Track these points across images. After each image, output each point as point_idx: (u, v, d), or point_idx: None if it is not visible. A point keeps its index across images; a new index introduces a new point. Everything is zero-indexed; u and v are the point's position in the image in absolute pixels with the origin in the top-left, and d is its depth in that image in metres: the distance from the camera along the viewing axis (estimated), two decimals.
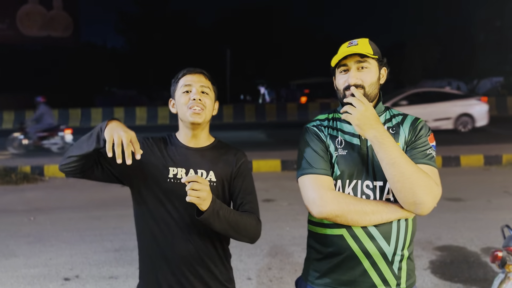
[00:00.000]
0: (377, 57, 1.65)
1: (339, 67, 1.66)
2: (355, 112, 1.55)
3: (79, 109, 20.57)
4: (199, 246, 1.67)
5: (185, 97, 1.69)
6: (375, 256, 1.58)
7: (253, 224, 1.65)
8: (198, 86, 1.69)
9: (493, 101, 20.72)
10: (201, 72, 1.74)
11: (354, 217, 1.55)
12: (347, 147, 1.65)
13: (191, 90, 1.69)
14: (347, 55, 1.61)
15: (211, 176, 1.70)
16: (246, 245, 4.67)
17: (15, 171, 8.53)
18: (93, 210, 6.24)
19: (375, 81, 1.65)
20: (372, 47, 1.65)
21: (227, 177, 1.72)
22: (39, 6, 27.38)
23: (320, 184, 1.59)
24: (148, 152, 1.71)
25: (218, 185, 1.70)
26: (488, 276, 3.83)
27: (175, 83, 1.75)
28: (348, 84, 1.62)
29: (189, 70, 1.74)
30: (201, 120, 1.68)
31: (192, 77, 1.71)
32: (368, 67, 1.63)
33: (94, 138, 1.56)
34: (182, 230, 1.66)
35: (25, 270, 4.20)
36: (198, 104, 1.66)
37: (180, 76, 1.74)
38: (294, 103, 22.61)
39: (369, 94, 1.63)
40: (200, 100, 1.67)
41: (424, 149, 1.61)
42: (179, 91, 1.71)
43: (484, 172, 8.35)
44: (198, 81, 1.70)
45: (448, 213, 5.57)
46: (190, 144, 1.74)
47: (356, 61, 1.62)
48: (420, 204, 1.51)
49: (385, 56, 1.72)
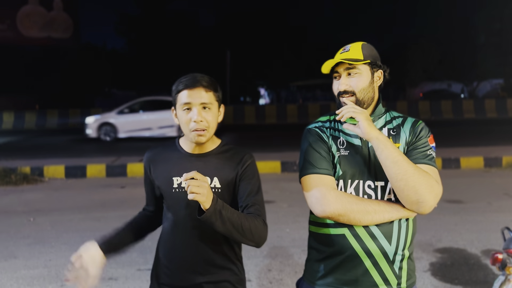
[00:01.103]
0: (369, 61, 1.67)
1: (333, 73, 1.72)
2: (360, 115, 1.59)
3: (78, 110, 20.57)
4: (207, 252, 1.69)
5: (186, 115, 1.62)
6: (377, 256, 1.60)
7: (259, 227, 1.59)
8: (198, 105, 1.61)
9: (493, 103, 20.78)
10: (200, 85, 1.61)
11: (356, 216, 1.56)
12: (349, 147, 1.67)
13: (191, 108, 1.61)
14: (338, 62, 1.67)
15: (215, 183, 1.67)
16: (246, 247, 4.65)
17: (14, 171, 8.52)
18: (93, 211, 6.23)
19: (366, 86, 1.67)
20: (364, 52, 1.68)
21: (233, 181, 1.69)
22: (39, 7, 27.43)
23: (323, 183, 1.60)
24: (156, 170, 1.75)
25: (223, 191, 1.67)
26: (489, 278, 3.82)
27: (175, 94, 1.65)
28: (339, 91, 1.68)
29: (187, 85, 1.61)
30: (205, 139, 1.65)
31: (192, 93, 1.61)
32: (358, 72, 1.66)
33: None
34: (191, 236, 1.68)
35: (24, 271, 4.19)
36: (200, 125, 1.61)
37: (180, 89, 1.63)
38: (294, 105, 22.64)
39: (361, 99, 1.66)
40: (202, 121, 1.61)
41: (425, 150, 1.64)
42: (179, 107, 1.64)
43: (484, 174, 8.35)
44: (199, 98, 1.60)
45: (448, 215, 5.57)
46: (194, 151, 1.72)
47: (346, 68, 1.67)
48: (423, 202, 1.53)
49: (386, 57, 1.74)
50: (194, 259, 1.69)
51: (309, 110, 20.82)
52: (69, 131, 18.51)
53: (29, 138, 15.61)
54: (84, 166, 8.86)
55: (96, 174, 8.80)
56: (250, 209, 1.63)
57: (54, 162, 9.27)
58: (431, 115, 20.17)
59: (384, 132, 1.68)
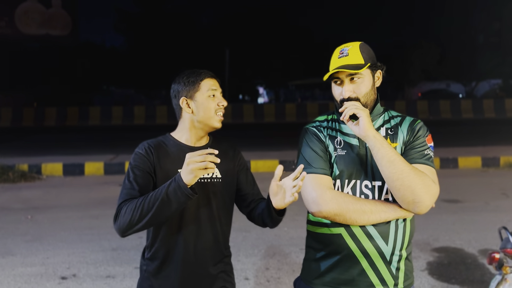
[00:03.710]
0: (369, 64, 1.64)
1: (333, 78, 1.67)
2: (363, 112, 1.58)
3: (77, 108, 20.53)
4: (209, 241, 1.74)
5: (212, 102, 1.72)
6: (373, 256, 1.60)
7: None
8: (219, 92, 1.75)
9: (491, 103, 20.81)
10: (216, 77, 1.78)
11: (352, 216, 1.56)
12: (346, 147, 1.67)
13: (216, 95, 1.73)
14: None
15: (216, 173, 1.75)
16: (244, 245, 4.67)
17: (12, 169, 8.50)
18: (91, 209, 6.22)
19: (369, 89, 1.66)
20: (363, 54, 1.64)
21: (230, 172, 1.79)
22: (37, 4, 27.29)
23: (319, 183, 1.61)
24: (165, 165, 1.71)
25: (223, 181, 1.76)
26: (485, 277, 3.84)
27: (194, 84, 1.72)
28: (343, 98, 1.64)
29: (208, 74, 1.76)
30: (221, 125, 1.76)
31: (215, 82, 1.75)
32: (361, 77, 1.64)
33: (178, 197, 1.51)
34: (192, 225, 1.72)
35: (22, 269, 4.19)
36: (223, 110, 1.74)
37: (201, 78, 1.73)
38: (292, 104, 22.62)
39: (365, 103, 1.65)
40: (223, 105, 1.74)
41: (422, 149, 1.63)
42: (204, 94, 1.72)
43: (482, 174, 8.37)
44: (219, 87, 1.76)
45: (445, 215, 5.58)
46: (192, 144, 1.76)
47: (348, 74, 1.63)
48: (419, 202, 1.53)
49: (385, 57, 1.73)
50: (199, 247, 1.73)
51: (308, 109, 20.81)
52: (67, 128, 18.48)
53: (27, 136, 15.57)
54: (82, 163, 8.85)
55: (94, 172, 8.79)
56: (257, 197, 1.85)
57: (52, 159, 9.25)
58: (430, 114, 20.17)
59: (382, 131, 1.68)
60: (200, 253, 1.72)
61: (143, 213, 1.52)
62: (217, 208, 1.75)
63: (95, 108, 20.92)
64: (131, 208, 1.54)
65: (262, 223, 1.77)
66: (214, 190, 1.74)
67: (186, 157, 1.47)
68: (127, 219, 1.54)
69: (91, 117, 20.13)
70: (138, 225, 1.54)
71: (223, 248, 1.81)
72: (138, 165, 1.69)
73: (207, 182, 1.72)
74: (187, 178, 1.47)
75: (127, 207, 1.56)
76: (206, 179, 1.73)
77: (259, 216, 1.76)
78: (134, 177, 1.67)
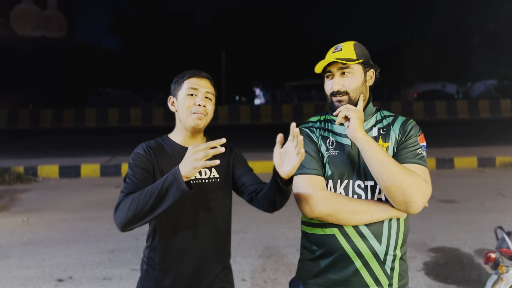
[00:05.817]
0: (362, 60, 1.68)
1: (325, 72, 1.72)
2: (353, 113, 1.59)
3: (73, 110, 20.46)
4: (208, 241, 1.74)
5: (190, 100, 1.70)
6: (367, 256, 1.60)
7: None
8: (204, 92, 1.72)
9: (486, 103, 20.90)
10: (206, 77, 1.76)
11: (345, 216, 1.57)
12: (338, 147, 1.68)
13: (197, 94, 1.71)
14: (330, 62, 1.67)
15: (214, 173, 1.75)
16: (241, 246, 4.67)
17: (8, 171, 8.47)
18: (87, 211, 6.21)
19: (359, 85, 1.68)
20: (356, 51, 1.69)
21: (226, 169, 1.79)
22: (33, 6, 27.24)
23: (312, 184, 1.61)
24: (165, 166, 1.70)
25: (221, 180, 1.77)
26: (482, 277, 3.85)
27: (179, 83, 1.75)
28: (332, 91, 1.68)
29: (196, 73, 1.75)
30: (202, 125, 1.72)
31: (199, 81, 1.73)
32: (351, 72, 1.67)
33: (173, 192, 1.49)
34: (192, 226, 1.71)
35: (18, 271, 4.17)
36: (201, 109, 1.69)
37: (186, 77, 1.74)
38: (289, 105, 22.64)
39: (354, 98, 1.67)
40: (205, 106, 1.70)
41: (415, 149, 1.64)
42: (183, 92, 1.72)
43: (478, 174, 8.40)
44: (204, 86, 1.73)
45: (442, 215, 5.60)
46: (188, 145, 1.74)
47: (339, 68, 1.67)
48: (410, 202, 1.53)
49: (380, 58, 1.75)
50: (199, 247, 1.72)
51: (304, 110, 20.82)
52: (63, 130, 18.41)
53: (23, 138, 15.51)
54: (78, 165, 8.82)
55: (91, 174, 8.76)
56: (258, 186, 1.74)
57: (48, 161, 9.22)
58: (425, 115, 20.23)
59: (374, 131, 1.69)
60: (200, 253, 1.72)
61: (140, 206, 1.51)
62: (216, 208, 1.75)
63: (91, 110, 20.82)
64: (129, 202, 1.54)
65: (268, 202, 1.63)
66: (213, 190, 1.74)
67: (189, 148, 1.47)
68: (124, 213, 1.55)
69: (87, 119, 20.05)
70: (135, 218, 1.54)
71: (223, 248, 1.81)
72: (138, 163, 1.69)
73: (204, 183, 1.72)
74: (186, 169, 1.45)
75: (125, 201, 1.57)
76: (203, 180, 1.73)
77: (264, 195, 1.63)
78: (134, 174, 1.67)
